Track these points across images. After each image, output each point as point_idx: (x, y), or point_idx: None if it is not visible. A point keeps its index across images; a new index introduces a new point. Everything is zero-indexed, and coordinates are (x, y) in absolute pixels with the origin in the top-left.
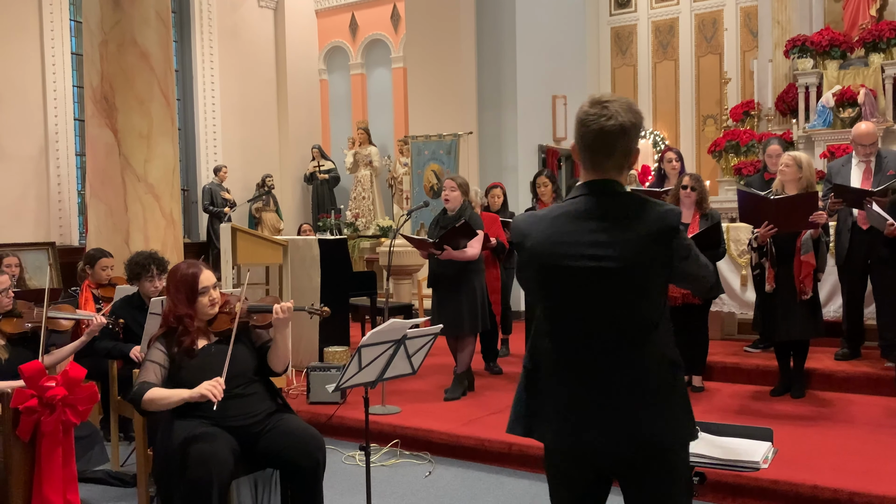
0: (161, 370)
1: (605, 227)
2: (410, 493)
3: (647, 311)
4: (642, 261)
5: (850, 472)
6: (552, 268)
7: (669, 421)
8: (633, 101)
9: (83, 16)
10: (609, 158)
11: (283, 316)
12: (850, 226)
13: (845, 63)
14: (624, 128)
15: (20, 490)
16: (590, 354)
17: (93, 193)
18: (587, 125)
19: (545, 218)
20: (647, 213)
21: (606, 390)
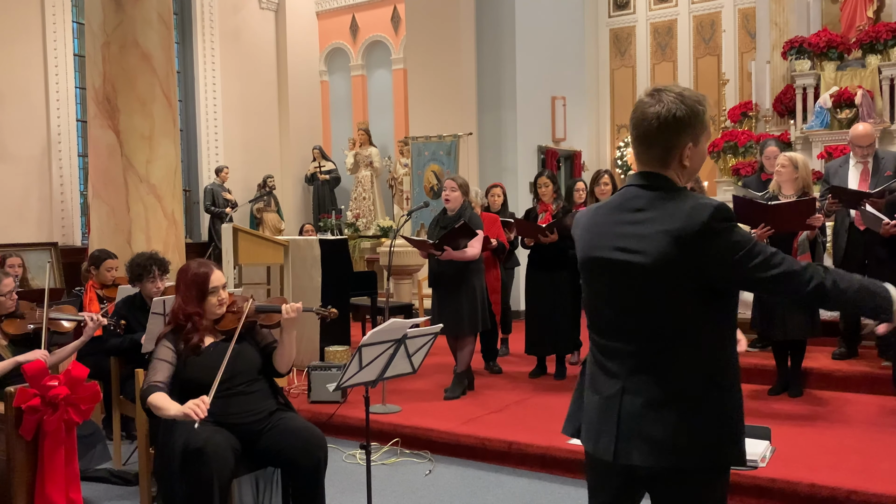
0: (169, 367)
1: (637, 221)
2: (410, 491)
3: (679, 316)
4: (666, 258)
5: (847, 471)
6: (587, 259)
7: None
8: (696, 93)
9: (85, 17)
10: (647, 149)
11: (292, 316)
12: (848, 226)
13: (843, 64)
14: (661, 119)
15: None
16: (617, 355)
17: (95, 194)
18: (634, 112)
19: (591, 209)
20: (678, 208)
21: (628, 396)
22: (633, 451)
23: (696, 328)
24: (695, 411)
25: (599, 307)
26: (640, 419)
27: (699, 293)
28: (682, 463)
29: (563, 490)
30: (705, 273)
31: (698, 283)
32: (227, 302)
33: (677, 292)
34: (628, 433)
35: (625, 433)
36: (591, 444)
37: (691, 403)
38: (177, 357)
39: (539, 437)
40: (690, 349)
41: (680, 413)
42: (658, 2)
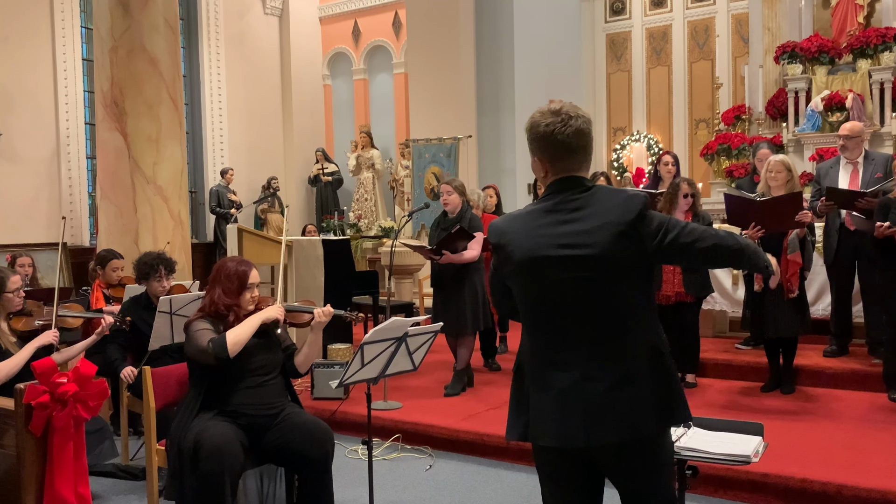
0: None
1: (576, 218)
2: (411, 485)
3: (626, 298)
4: (613, 249)
5: (838, 466)
6: (528, 261)
7: (651, 410)
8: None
9: (94, 23)
10: (584, 156)
11: (323, 319)
12: (838, 227)
13: (833, 69)
14: (588, 129)
15: (33, 483)
16: (571, 347)
17: (103, 195)
18: (560, 130)
19: (520, 215)
20: (612, 202)
21: (589, 382)
22: (606, 430)
23: (640, 307)
24: (651, 380)
25: (545, 305)
26: (606, 400)
27: (640, 274)
28: (652, 428)
29: None
30: (644, 254)
31: (639, 266)
32: (258, 300)
33: (624, 277)
34: (597, 415)
35: (594, 416)
36: (550, 437)
37: (647, 374)
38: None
39: None
40: (638, 327)
41: (640, 385)
42: (653, 7)
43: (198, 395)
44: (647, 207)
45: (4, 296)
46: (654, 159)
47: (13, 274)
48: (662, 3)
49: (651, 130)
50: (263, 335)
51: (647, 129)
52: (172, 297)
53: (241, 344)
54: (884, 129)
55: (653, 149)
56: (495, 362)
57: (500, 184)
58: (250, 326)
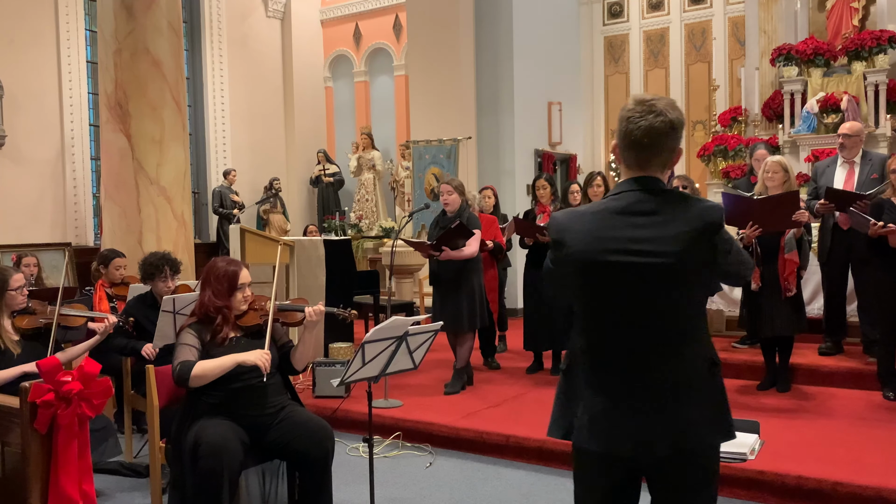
0: (197, 352)
1: (647, 223)
2: (412, 483)
3: (688, 308)
4: (684, 257)
5: (833, 463)
6: (592, 263)
7: (708, 422)
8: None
9: (98, 25)
10: (656, 156)
11: (314, 318)
12: (832, 227)
13: (829, 71)
14: (672, 125)
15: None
16: (627, 354)
17: (107, 196)
18: (634, 122)
19: (586, 213)
20: (690, 209)
21: (644, 391)
22: (656, 441)
23: (700, 318)
24: (707, 394)
25: (604, 308)
26: (657, 410)
27: (703, 286)
28: (704, 443)
29: (559, 481)
30: (712, 264)
31: (706, 275)
32: (251, 300)
33: (693, 287)
34: (648, 425)
35: (643, 426)
36: (596, 442)
37: (701, 387)
38: (200, 346)
39: (536, 430)
40: (695, 339)
41: (693, 398)
42: (651, 10)
43: (198, 395)
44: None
45: (7, 294)
46: None
47: (16, 272)
48: (660, 6)
49: None
50: (258, 335)
51: None
52: (176, 296)
53: (206, 379)
54: (878, 130)
55: None
56: (495, 361)
57: (499, 184)
58: (221, 365)
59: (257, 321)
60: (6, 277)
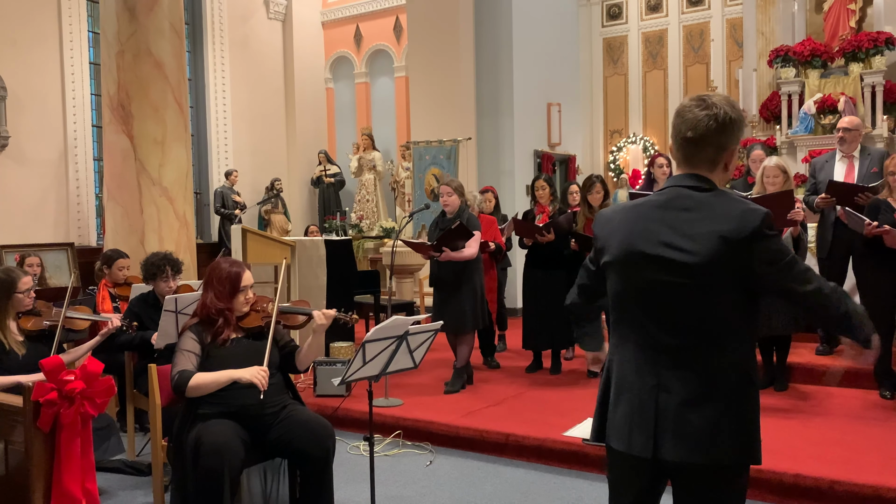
0: (196, 358)
1: (685, 220)
2: (412, 481)
3: (720, 315)
4: (716, 259)
5: (830, 462)
6: (625, 253)
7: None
8: (735, 101)
9: (101, 27)
10: (701, 151)
11: (324, 322)
12: (833, 221)
13: (826, 72)
14: (720, 120)
15: (41, 478)
16: (654, 352)
17: (110, 196)
18: (683, 116)
19: (629, 206)
20: (729, 210)
21: (665, 393)
22: (671, 446)
23: (733, 327)
24: (732, 408)
25: (635, 303)
26: (677, 415)
27: (739, 294)
28: (720, 459)
29: (559, 480)
30: (749, 276)
31: (741, 285)
32: (253, 301)
33: (721, 291)
34: (666, 429)
35: (662, 429)
36: (623, 442)
37: (728, 400)
38: (201, 348)
39: (535, 429)
40: (728, 347)
41: (718, 410)
42: (649, 12)
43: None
44: (769, 226)
45: (15, 296)
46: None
47: (25, 275)
48: (658, 7)
49: (647, 133)
50: (259, 336)
51: (643, 132)
52: (178, 296)
53: (201, 391)
54: (875, 131)
55: (649, 151)
56: (494, 360)
57: (498, 185)
58: (217, 381)
59: (259, 323)
60: (14, 279)
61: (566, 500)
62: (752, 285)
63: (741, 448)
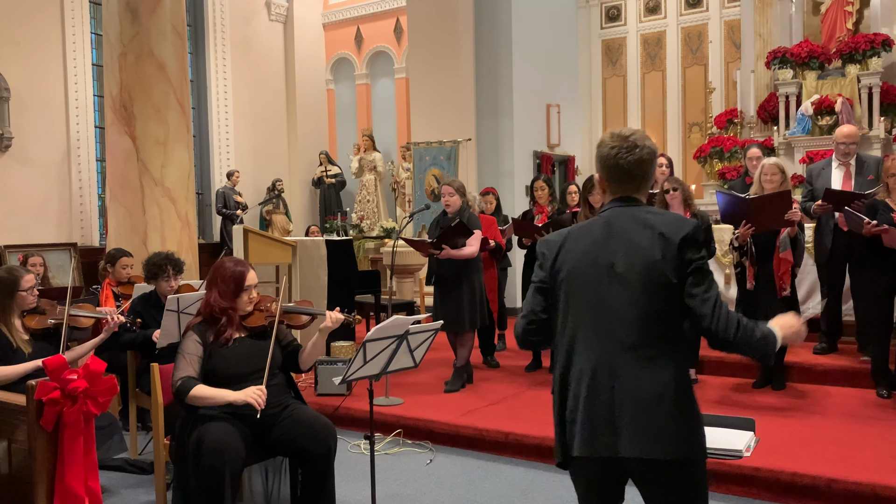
0: (198, 361)
1: (625, 234)
2: (412, 479)
3: (665, 317)
4: (654, 265)
5: (827, 460)
6: (576, 270)
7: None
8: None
9: (103, 29)
10: (645, 182)
11: (331, 325)
12: (833, 227)
13: (823, 73)
14: (654, 154)
15: (44, 477)
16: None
17: (112, 197)
18: (623, 157)
19: (574, 228)
20: (666, 219)
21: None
22: (631, 443)
23: (677, 328)
24: (682, 406)
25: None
26: (634, 413)
27: (680, 296)
28: (675, 454)
29: (558, 478)
30: (682, 277)
31: (678, 287)
32: (256, 300)
33: (667, 292)
34: (624, 427)
35: (621, 427)
36: (586, 447)
37: (677, 398)
38: (203, 349)
39: (534, 427)
40: (675, 347)
41: (670, 407)
42: (648, 14)
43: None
44: (700, 233)
45: (19, 294)
46: None
47: (27, 273)
48: (657, 9)
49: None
50: (262, 336)
51: None
52: (180, 295)
53: (200, 402)
54: (872, 132)
55: None
56: (494, 359)
57: (498, 186)
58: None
59: (262, 322)
60: (17, 278)
61: (565, 499)
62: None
63: (692, 443)
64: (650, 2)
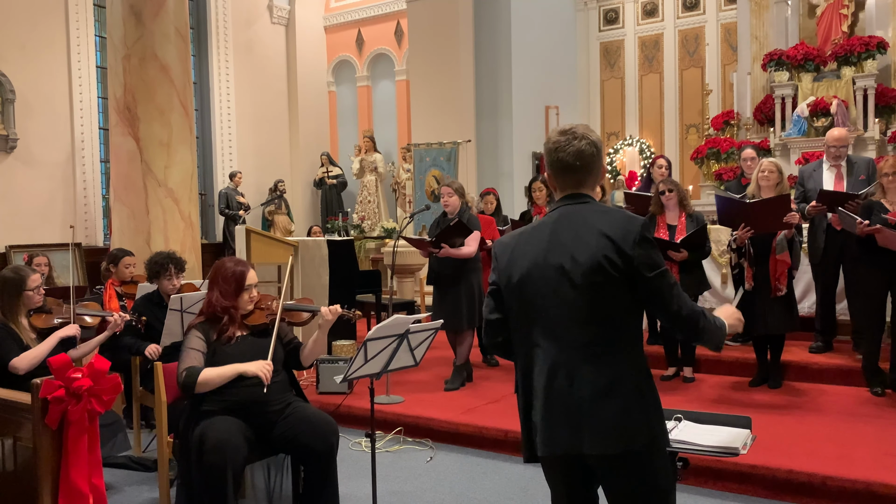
0: (202, 356)
1: (578, 231)
2: (413, 477)
3: (614, 313)
4: (601, 264)
5: (823, 458)
6: (526, 271)
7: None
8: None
9: (107, 32)
10: (588, 175)
11: (329, 318)
12: (825, 227)
13: (819, 76)
14: (596, 146)
15: (49, 474)
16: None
17: (116, 197)
18: (564, 150)
19: (525, 230)
20: (612, 219)
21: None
22: (589, 439)
23: (627, 324)
24: (636, 398)
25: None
26: (591, 408)
27: (627, 293)
28: (632, 447)
29: None
30: (632, 276)
31: (628, 286)
32: (257, 299)
33: (615, 291)
34: (583, 423)
35: (580, 423)
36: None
37: (632, 392)
38: (207, 346)
39: None
40: (626, 343)
41: (624, 400)
42: (645, 17)
43: (205, 392)
44: (649, 232)
45: (25, 293)
46: (647, 162)
47: (33, 273)
48: (654, 12)
49: (643, 135)
50: (264, 333)
51: (639, 134)
52: (183, 295)
53: (209, 386)
54: (867, 133)
55: (645, 153)
56: (493, 358)
57: (497, 186)
58: (223, 374)
59: (263, 320)
60: (24, 277)
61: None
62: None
63: (649, 433)
64: (648, 5)
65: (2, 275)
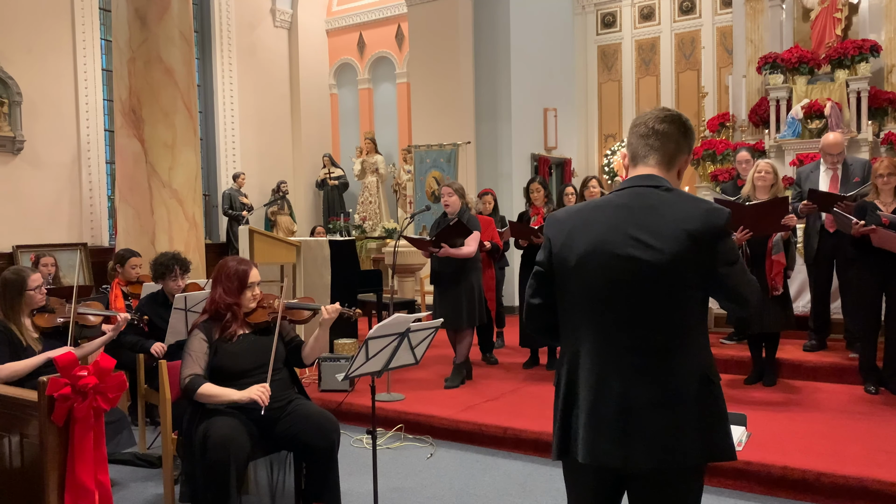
0: (205, 358)
1: (651, 218)
2: (413, 473)
3: (681, 314)
4: (680, 257)
5: (817, 454)
6: (590, 254)
7: (700, 437)
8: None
9: (113, 35)
10: (656, 157)
11: (329, 316)
12: (819, 228)
13: (813, 78)
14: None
15: (55, 470)
16: (616, 355)
17: (121, 198)
18: (637, 124)
19: (584, 208)
20: (692, 209)
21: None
22: (639, 452)
23: (694, 327)
24: (695, 409)
25: (597, 305)
26: (644, 419)
27: (700, 292)
28: (687, 461)
29: (555, 471)
30: (709, 271)
31: (702, 282)
32: (259, 298)
33: (684, 290)
34: (632, 435)
35: (629, 435)
36: (588, 453)
37: (693, 401)
38: (208, 346)
39: (532, 422)
40: (689, 348)
41: (684, 410)
42: (642, 20)
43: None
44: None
45: (27, 293)
46: None
47: (34, 272)
48: (651, 16)
49: None
50: (266, 332)
51: None
52: (187, 294)
53: (208, 400)
54: (860, 135)
55: None
56: (493, 356)
57: (496, 187)
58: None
59: (266, 318)
60: (24, 277)
61: (562, 492)
62: (710, 281)
63: (707, 447)
64: (644, 9)
65: (2, 276)
